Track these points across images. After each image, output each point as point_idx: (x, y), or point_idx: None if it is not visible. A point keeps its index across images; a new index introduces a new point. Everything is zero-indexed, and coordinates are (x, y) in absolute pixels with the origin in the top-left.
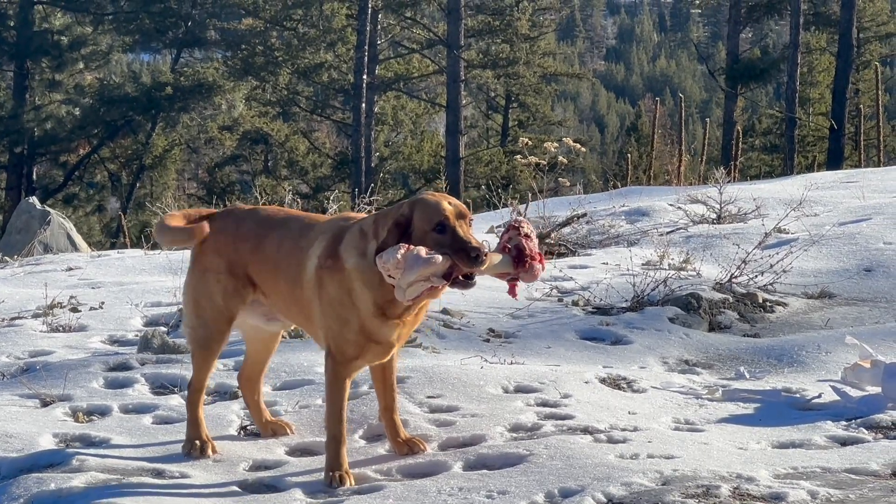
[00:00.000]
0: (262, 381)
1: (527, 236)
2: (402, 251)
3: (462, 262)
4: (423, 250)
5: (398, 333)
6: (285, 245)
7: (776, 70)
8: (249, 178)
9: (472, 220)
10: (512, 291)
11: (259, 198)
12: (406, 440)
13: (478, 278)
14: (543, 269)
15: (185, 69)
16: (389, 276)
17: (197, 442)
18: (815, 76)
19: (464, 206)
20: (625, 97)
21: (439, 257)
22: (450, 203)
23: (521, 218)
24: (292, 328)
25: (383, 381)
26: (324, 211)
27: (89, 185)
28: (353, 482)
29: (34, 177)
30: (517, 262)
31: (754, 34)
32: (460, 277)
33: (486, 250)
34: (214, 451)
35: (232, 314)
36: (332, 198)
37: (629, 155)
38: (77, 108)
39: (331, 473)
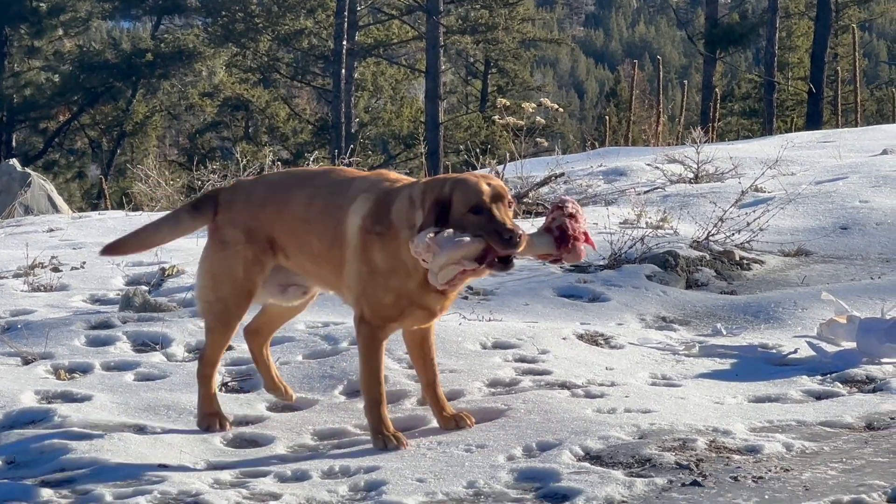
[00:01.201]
0: (271, 338)
1: (571, 216)
2: (431, 235)
3: (496, 244)
4: (453, 233)
5: (443, 302)
6: (317, 202)
7: (755, 34)
8: (230, 144)
9: (511, 201)
10: (558, 262)
11: (240, 163)
12: (452, 415)
13: (519, 260)
14: (593, 247)
15: (165, 36)
16: (423, 260)
17: (214, 418)
18: (794, 41)
19: (504, 187)
20: (604, 63)
21: (467, 239)
22: (489, 184)
23: (567, 197)
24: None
25: (423, 356)
26: None
27: (69, 151)
28: (405, 442)
29: (13, 144)
30: (559, 243)
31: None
32: (496, 261)
33: (521, 232)
34: (226, 426)
35: (253, 286)
36: (311, 159)
37: (608, 118)
38: (56, 75)
39: (378, 436)
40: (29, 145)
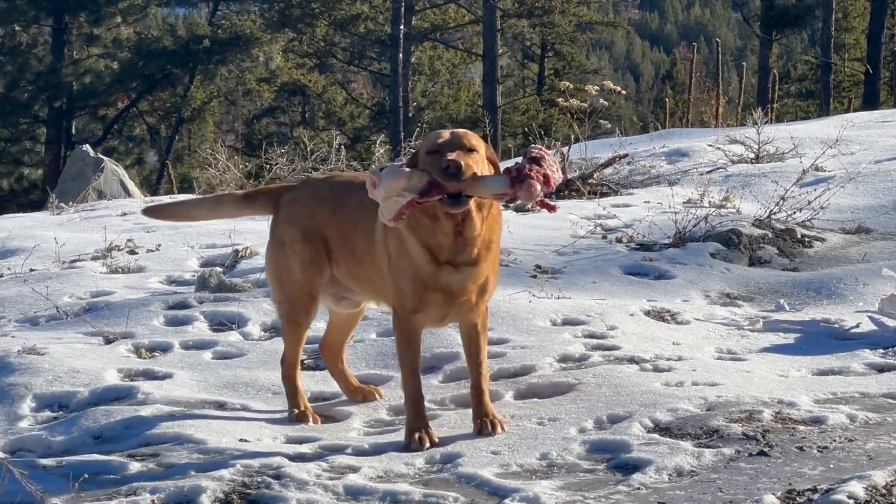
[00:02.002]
0: (345, 350)
1: (533, 159)
2: (375, 169)
3: (438, 175)
4: (397, 166)
5: (458, 282)
6: (365, 203)
7: (811, 16)
8: (287, 129)
9: (476, 150)
10: (546, 208)
11: (299, 149)
12: (491, 420)
13: (480, 201)
14: (550, 187)
15: (222, 22)
16: (372, 196)
17: (296, 410)
18: (850, 21)
19: (472, 137)
20: (659, 46)
21: (407, 169)
22: (451, 133)
23: (536, 145)
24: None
25: (468, 354)
26: (363, 160)
27: (128, 138)
28: (435, 440)
29: (73, 131)
30: (513, 181)
31: None
32: (447, 197)
33: (463, 165)
34: (316, 421)
35: (312, 288)
36: (378, 141)
37: (666, 101)
38: (115, 62)
39: (411, 435)
40: (88, 132)
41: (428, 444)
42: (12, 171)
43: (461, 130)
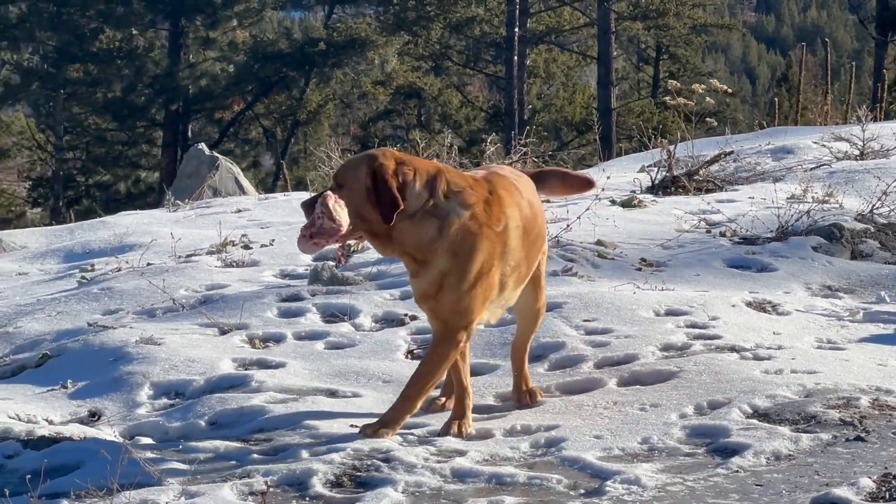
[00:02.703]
0: (527, 351)
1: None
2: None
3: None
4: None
5: (416, 288)
6: None
7: None
8: (403, 132)
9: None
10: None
11: (411, 148)
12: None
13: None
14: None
15: (337, 25)
16: None
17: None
18: None
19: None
20: (775, 48)
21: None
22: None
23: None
24: None
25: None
26: (478, 162)
27: (244, 141)
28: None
29: (189, 134)
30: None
31: None
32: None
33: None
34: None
35: None
36: (489, 139)
37: (776, 101)
38: (231, 65)
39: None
40: (205, 135)
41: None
42: (129, 174)
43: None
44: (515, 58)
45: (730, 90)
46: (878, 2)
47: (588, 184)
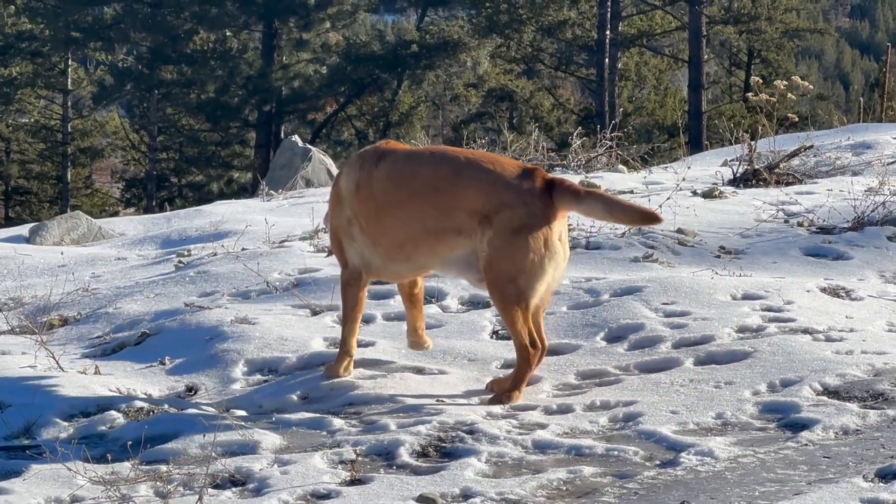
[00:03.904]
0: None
1: None
2: None
3: None
4: None
5: None
6: None
7: None
8: (495, 134)
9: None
10: None
11: (500, 146)
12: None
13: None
14: None
15: (430, 27)
16: None
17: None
18: None
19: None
20: (870, 54)
21: None
22: None
23: None
24: None
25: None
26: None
27: (336, 142)
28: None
29: (282, 135)
30: None
31: None
32: None
33: None
34: None
35: None
36: (575, 133)
37: (861, 100)
38: (324, 67)
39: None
40: (297, 136)
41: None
42: (222, 174)
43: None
44: (607, 61)
45: (810, 86)
46: None
47: (646, 218)
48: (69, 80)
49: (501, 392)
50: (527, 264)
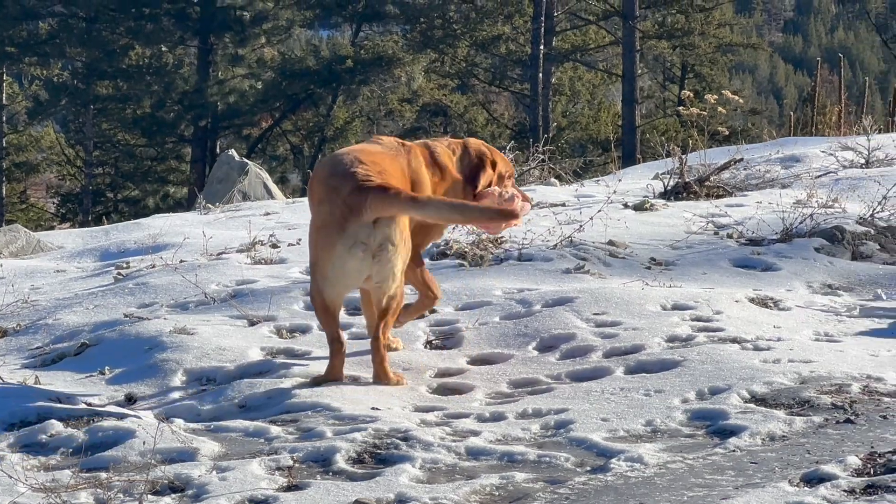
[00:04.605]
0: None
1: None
2: (520, 197)
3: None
4: (523, 196)
5: None
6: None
7: None
8: None
9: None
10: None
11: None
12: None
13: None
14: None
15: (364, 43)
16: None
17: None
18: None
19: None
20: (803, 69)
21: (528, 204)
22: (506, 159)
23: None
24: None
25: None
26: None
27: (272, 157)
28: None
29: (218, 150)
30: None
31: None
32: None
33: None
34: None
35: None
36: (508, 147)
37: (791, 113)
38: (259, 82)
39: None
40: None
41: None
42: (158, 189)
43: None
44: (540, 75)
45: (741, 100)
46: None
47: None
48: (4, 95)
49: None
50: (319, 259)
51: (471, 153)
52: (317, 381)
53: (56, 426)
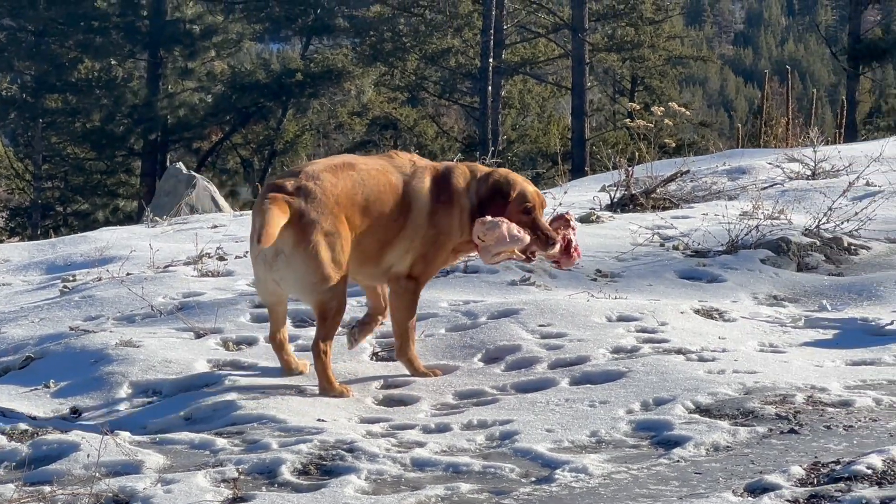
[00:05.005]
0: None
1: (573, 228)
2: (505, 226)
3: (540, 246)
4: (516, 228)
5: None
6: (394, 191)
7: None
8: None
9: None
10: (557, 265)
11: None
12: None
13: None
14: (580, 258)
15: (314, 56)
16: (480, 239)
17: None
18: None
19: (542, 196)
20: (753, 82)
21: (527, 238)
22: (537, 194)
23: (568, 211)
24: None
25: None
26: None
27: (222, 170)
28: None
29: (168, 164)
30: (565, 252)
31: (883, 15)
32: (529, 254)
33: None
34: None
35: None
36: (454, 159)
37: (738, 126)
38: (209, 96)
39: (418, 371)
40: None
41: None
42: (108, 202)
43: (534, 189)
44: (490, 88)
45: (688, 112)
46: (850, 35)
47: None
48: None
49: None
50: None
51: (489, 182)
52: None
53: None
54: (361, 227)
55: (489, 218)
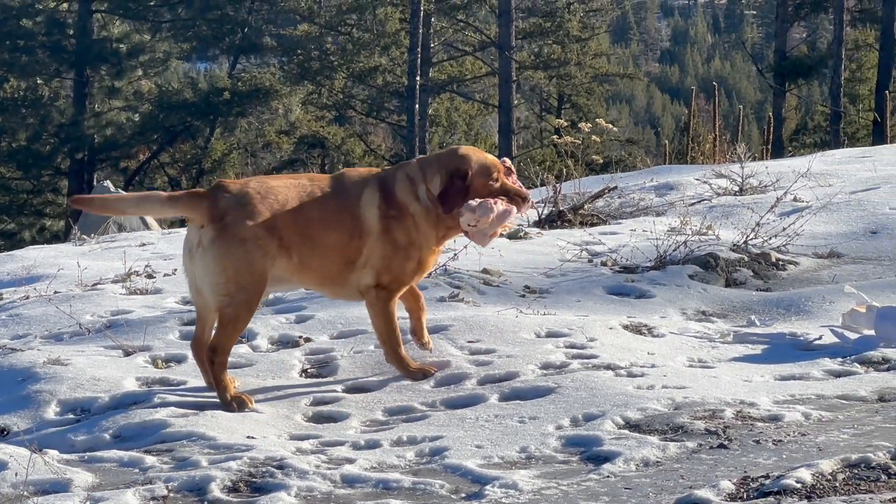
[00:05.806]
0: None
1: (513, 171)
2: (494, 206)
3: (519, 205)
4: (501, 203)
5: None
6: (341, 203)
7: (824, 66)
8: None
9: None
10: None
11: None
12: (426, 342)
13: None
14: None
15: (242, 75)
16: (471, 226)
17: (233, 396)
18: (865, 73)
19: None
20: (680, 99)
21: (513, 207)
22: (492, 160)
23: (505, 159)
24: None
25: (415, 298)
26: None
27: (149, 189)
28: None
29: (95, 182)
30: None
31: (809, 33)
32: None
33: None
34: (252, 403)
35: (266, 279)
36: None
37: (666, 142)
38: (136, 115)
39: (414, 372)
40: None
41: (422, 374)
42: (34, 222)
43: (488, 156)
44: (417, 107)
45: (615, 129)
46: (776, 52)
47: None
48: None
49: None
50: None
51: (441, 172)
52: None
53: None
54: (305, 249)
55: (474, 202)
